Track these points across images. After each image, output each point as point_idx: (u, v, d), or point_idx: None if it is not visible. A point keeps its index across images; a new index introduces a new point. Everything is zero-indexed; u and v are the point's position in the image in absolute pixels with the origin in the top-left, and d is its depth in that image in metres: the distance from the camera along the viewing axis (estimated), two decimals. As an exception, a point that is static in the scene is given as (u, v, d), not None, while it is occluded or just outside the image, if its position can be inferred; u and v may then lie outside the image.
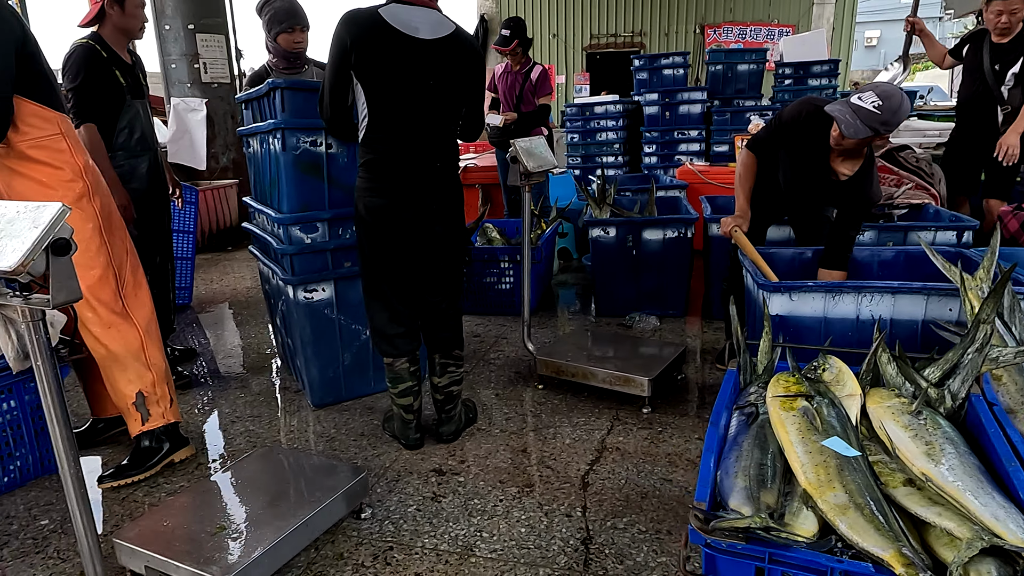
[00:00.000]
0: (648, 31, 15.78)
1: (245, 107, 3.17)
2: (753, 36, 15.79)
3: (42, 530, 2.13)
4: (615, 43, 15.81)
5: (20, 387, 2.29)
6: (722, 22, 15.60)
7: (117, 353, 2.36)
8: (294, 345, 2.96)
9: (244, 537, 1.78)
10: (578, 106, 7.29)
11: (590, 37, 15.96)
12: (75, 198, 2.33)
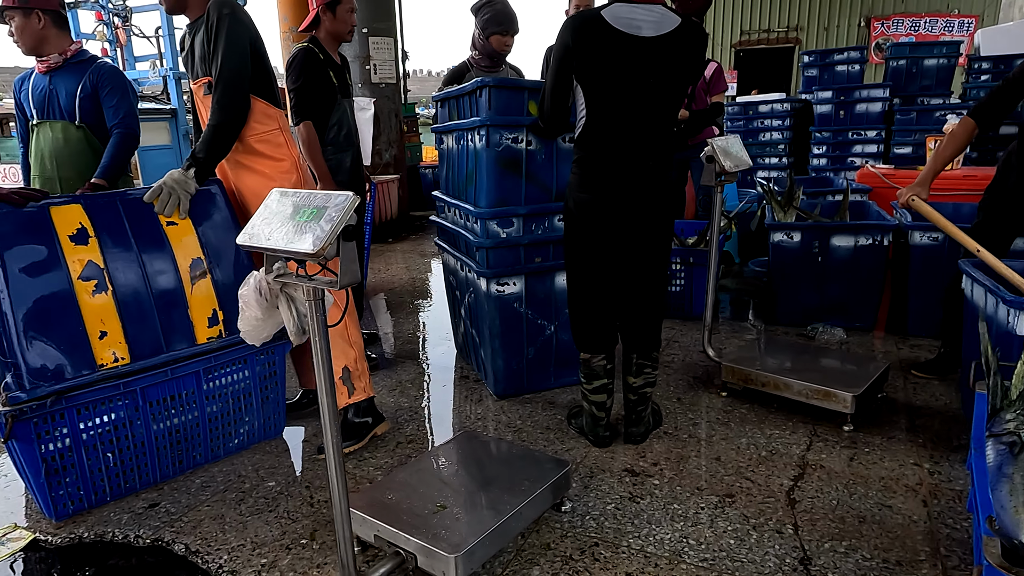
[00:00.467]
0: (805, 25, 14.87)
1: (441, 105, 3.31)
2: (928, 28, 14.43)
3: (270, 491, 2.34)
4: (767, 39, 15.05)
5: (252, 359, 2.53)
6: (892, 14, 14.38)
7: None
8: (480, 336, 3.05)
9: (465, 518, 1.85)
10: (740, 105, 7.00)
11: (740, 33, 15.30)
12: (289, 186, 2.54)
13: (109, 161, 2.99)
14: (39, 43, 2.93)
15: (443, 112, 3.29)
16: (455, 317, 3.50)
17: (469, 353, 3.37)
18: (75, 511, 2.22)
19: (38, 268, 2.10)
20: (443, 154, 3.33)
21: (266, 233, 1.45)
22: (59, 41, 2.95)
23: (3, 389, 2.02)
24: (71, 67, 2.98)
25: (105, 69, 3.03)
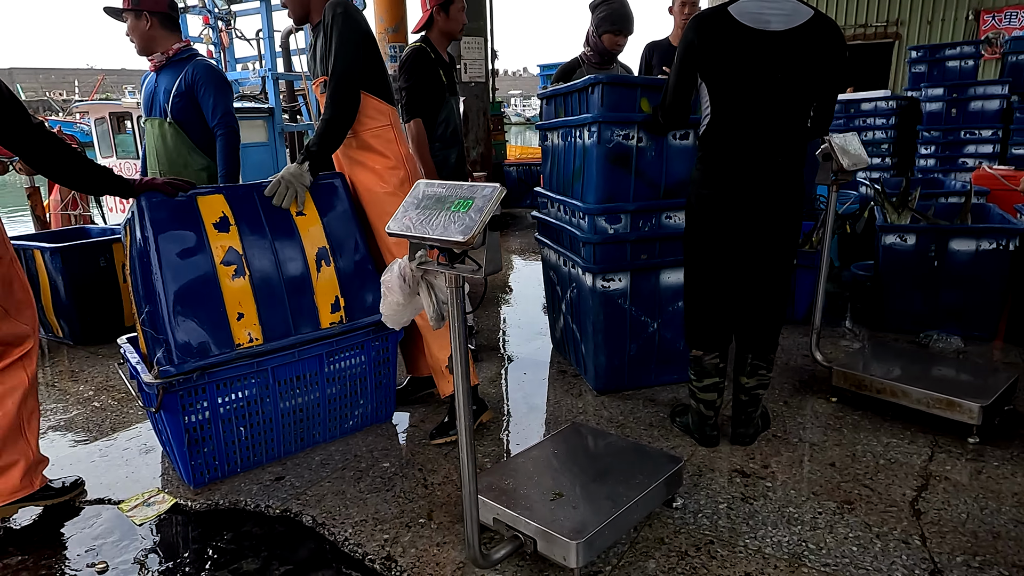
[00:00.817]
0: (907, 19, 14.12)
1: (547, 102, 3.35)
2: (1044, 21, 13.41)
3: (385, 472, 2.44)
4: (864, 34, 14.36)
5: (368, 344, 2.64)
6: (1004, 6, 13.46)
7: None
8: (581, 331, 3.08)
9: (583, 506, 1.88)
10: (842, 103, 6.73)
11: (832, 28, 14.69)
12: (398, 183, 2.63)
13: (224, 169, 3.16)
14: (148, 43, 3.09)
15: (549, 109, 3.33)
16: (554, 312, 3.54)
17: (567, 348, 3.41)
18: (210, 480, 2.39)
19: (187, 252, 2.27)
20: (547, 151, 3.37)
21: (415, 222, 1.53)
22: (166, 41, 3.10)
23: (155, 363, 2.19)
24: (172, 65, 3.13)
25: (200, 67, 3.12)
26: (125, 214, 2.51)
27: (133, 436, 2.83)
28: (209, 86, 3.12)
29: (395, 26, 7.60)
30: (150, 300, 2.26)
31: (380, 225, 2.63)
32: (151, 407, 2.21)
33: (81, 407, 3.15)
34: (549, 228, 3.34)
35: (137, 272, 2.33)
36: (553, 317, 3.58)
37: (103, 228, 4.73)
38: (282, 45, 11.65)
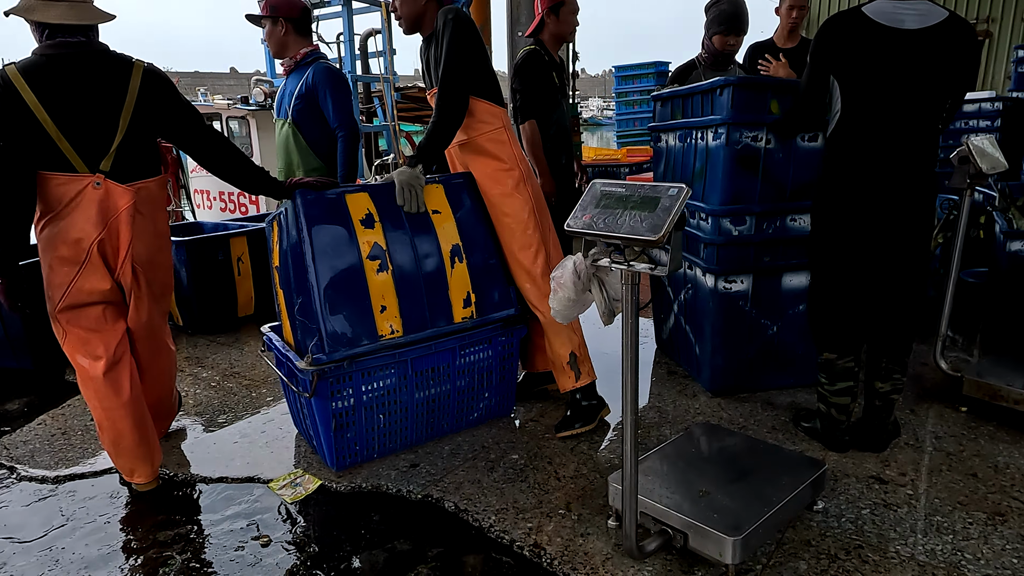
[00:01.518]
0: (999, 16, 13.45)
1: (661, 104, 3.37)
2: None
3: (515, 463, 2.51)
4: (952, 32, 13.77)
5: (496, 339, 2.72)
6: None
7: (552, 319, 2.68)
8: (696, 332, 3.08)
9: (733, 504, 1.89)
10: (941, 104, 6.50)
11: (919, 27, 14.13)
12: (514, 185, 2.68)
13: (343, 170, 3.27)
14: (281, 48, 3.25)
15: (664, 111, 3.34)
16: (662, 312, 3.55)
17: (675, 349, 3.42)
18: (350, 464, 2.51)
19: (338, 247, 2.39)
20: (661, 152, 3.38)
21: (598, 221, 1.58)
22: (296, 46, 3.23)
23: (309, 351, 2.32)
24: (298, 68, 3.26)
25: (320, 69, 3.22)
26: (275, 211, 2.66)
27: (267, 420, 2.99)
28: (328, 88, 3.22)
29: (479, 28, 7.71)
30: (303, 291, 2.39)
31: (500, 226, 2.70)
32: (305, 392, 2.33)
33: (212, 391, 3.34)
34: None
35: (289, 265, 2.46)
36: (660, 318, 3.59)
37: (215, 224, 4.98)
38: (360, 48, 11.97)
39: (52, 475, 2.57)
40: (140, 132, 2.26)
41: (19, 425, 3.04)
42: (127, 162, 2.24)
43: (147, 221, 2.32)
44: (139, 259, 2.31)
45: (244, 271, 4.48)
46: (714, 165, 2.81)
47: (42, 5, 2.13)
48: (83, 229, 2.20)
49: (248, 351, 3.94)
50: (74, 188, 2.18)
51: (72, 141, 2.15)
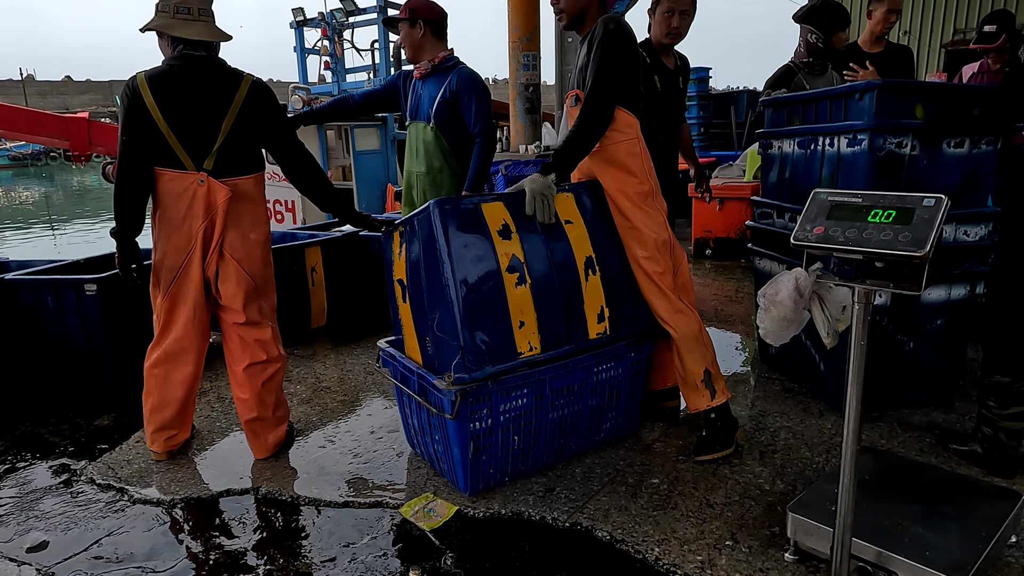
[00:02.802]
0: (1034, 21, 13.25)
1: (773, 110, 3.23)
2: None
3: (658, 488, 2.37)
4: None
5: (626, 356, 2.58)
6: None
7: (685, 335, 2.55)
8: (822, 347, 2.93)
9: (938, 540, 1.75)
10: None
11: (953, 32, 13.90)
12: (644, 198, 2.56)
13: (474, 172, 3.24)
14: (417, 51, 3.24)
15: (776, 116, 3.21)
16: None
17: (788, 364, 3.27)
18: (483, 488, 2.37)
19: (477, 259, 2.26)
20: (773, 159, 3.25)
21: (836, 234, 1.45)
22: (434, 49, 3.23)
23: (452, 369, 2.19)
24: (437, 73, 3.24)
25: (464, 76, 3.21)
26: (397, 221, 2.54)
27: (376, 438, 2.87)
28: (472, 95, 3.22)
29: (529, 35, 7.63)
30: (439, 306, 2.27)
31: (629, 239, 2.57)
32: (447, 413, 2.20)
33: (307, 407, 3.22)
34: (770, 238, 3.22)
35: (422, 278, 2.34)
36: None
37: (283, 232, 4.87)
38: (394, 55, 11.94)
39: (168, 499, 2.45)
40: (240, 136, 2.49)
41: (116, 442, 2.92)
42: (227, 162, 2.49)
43: (243, 213, 2.54)
44: (233, 249, 2.52)
45: (318, 282, 4.37)
46: (849, 173, 2.67)
47: (181, 23, 2.40)
48: (190, 220, 2.46)
49: (331, 364, 3.82)
50: (182, 184, 2.45)
51: (181, 140, 2.42)
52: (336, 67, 12.70)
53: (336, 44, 12.66)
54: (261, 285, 2.63)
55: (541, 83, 8.22)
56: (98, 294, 3.39)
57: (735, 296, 4.99)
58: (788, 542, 1.96)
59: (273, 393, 2.69)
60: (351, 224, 2.80)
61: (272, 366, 2.67)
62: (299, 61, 12.85)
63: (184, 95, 2.39)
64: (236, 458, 2.72)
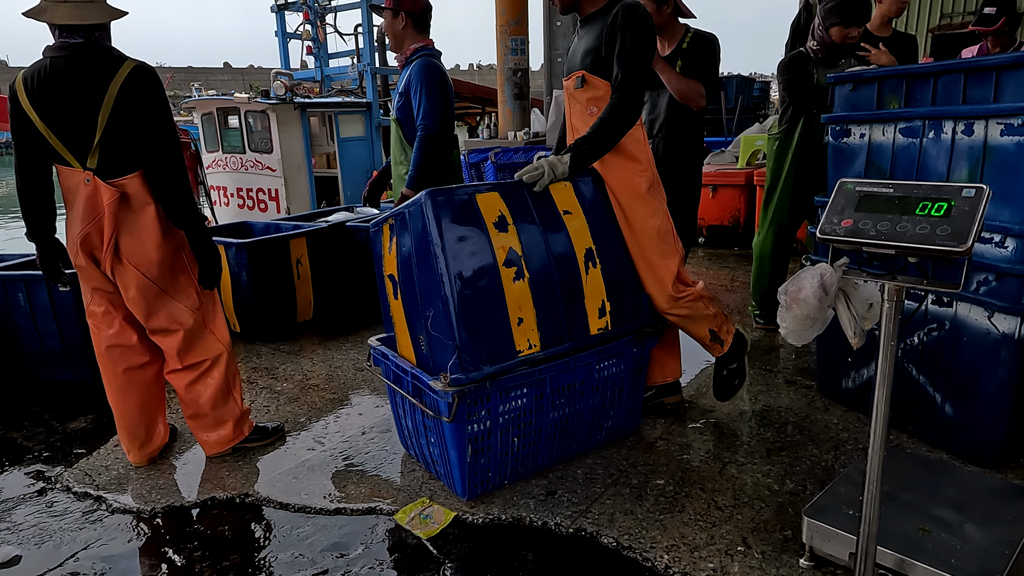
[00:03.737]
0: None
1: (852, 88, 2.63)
2: None
3: (663, 490, 2.28)
4: (973, 22, 13.55)
5: (629, 352, 2.48)
6: None
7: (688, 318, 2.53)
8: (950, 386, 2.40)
9: (964, 546, 1.67)
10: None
11: (940, 16, 13.86)
12: (648, 187, 2.47)
13: (412, 170, 3.17)
14: (398, 41, 3.24)
15: (856, 96, 2.62)
16: (851, 353, 2.70)
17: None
18: (481, 491, 2.27)
19: (474, 254, 2.14)
20: (853, 151, 2.63)
21: (868, 227, 1.34)
22: (413, 41, 3.22)
23: (448, 370, 2.08)
24: (406, 65, 3.25)
25: (416, 66, 3.17)
26: (381, 216, 2.41)
27: (368, 439, 2.75)
28: (420, 85, 3.15)
29: (516, 19, 7.46)
30: (433, 303, 2.15)
31: (630, 231, 2.47)
32: (443, 416, 2.09)
33: (295, 406, 3.09)
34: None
35: (414, 274, 2.22)
36: (850, 362, 2.76)
37: (266, 224, 4.71)
38: (378, 40, 11.69)
39: (148, 508, 2.32)
40: (122, 129, 2.21)
41: (93, 446, 2.79)
42: (114, 159, 2.23)
43: (137, 214, 2.29)
44: (130, 254, 2.30)
45: (304, 274, 4.22)
46: (1009, 169, 2.13)
47: (51, 6, 2.15)
48: (77, 225, 2.28)
49: (318, 360, 3.69)
50: (73, 181, 2.25)
51: (61, 138, 2.20)
52: (319, 52, 12.41)
53: (318, 28, 12.36)
54: (168, 288, 2.38)
55: (529, 68, 8.07)
56: (72, 291, 3.23)
57: (730, 285, 4.91)
58: (803, 547, 1.88)
59: (203, 395, 2.53)
60: (198, 257, 2.41)
61: (190, 374, 2.50)
62: (281, 46, 12.54)
63: (57, 89, 2.15)
64: (220, 462, 2.60)
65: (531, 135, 7.58)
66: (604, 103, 2.40)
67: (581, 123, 2.51)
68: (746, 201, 5.82)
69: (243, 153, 9.73)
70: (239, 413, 2.62)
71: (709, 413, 2.83)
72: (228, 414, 2.59)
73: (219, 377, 2.54)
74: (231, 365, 2.59)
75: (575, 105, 2.52)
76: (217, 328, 2.54)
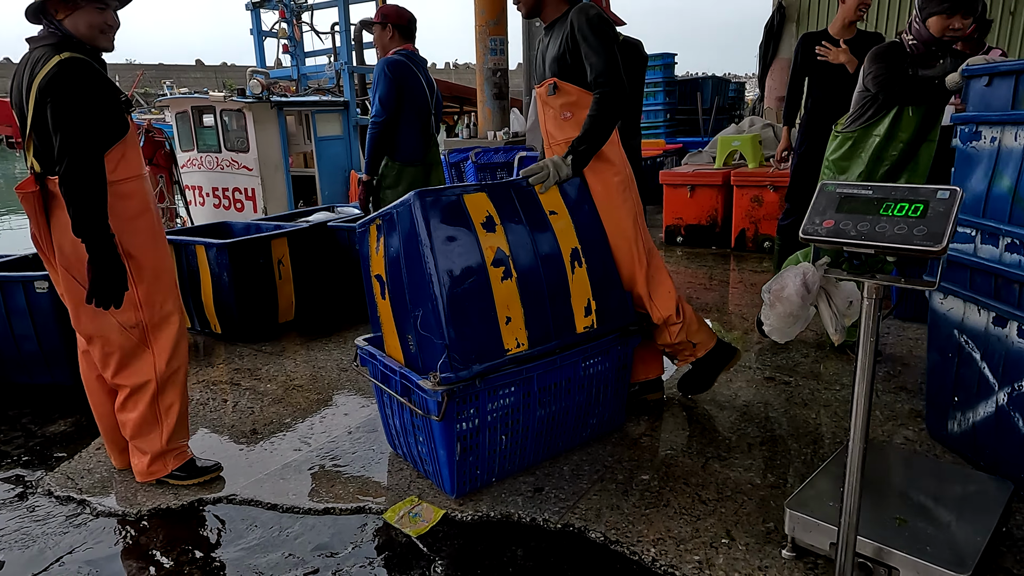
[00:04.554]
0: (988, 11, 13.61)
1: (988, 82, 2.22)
2: None
3: (648, 485, 2.32)
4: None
5: (613, 350, 2.52)
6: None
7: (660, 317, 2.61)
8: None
9: (939, 535, 1.74)
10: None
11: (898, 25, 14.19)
12: (622, 189, 2.57)
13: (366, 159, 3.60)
14: (385, 51, 3.54)
15: (991, 93, 2.23)
16: (958, 393, 2.40)
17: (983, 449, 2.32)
18: (470, 489, 2.29)
19: (462, 253, 2.16)
20: (982, 157, 2.25)
21: (848, 227, 1.39)
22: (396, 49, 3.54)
23: (439, 369, 2.10)
24: None
25: (377, 65, 3.49)
26: (368, 216, 2.43)
27: (354, 439, 2.76)
28: (375, 82, 3.51)
29: (496, 19, 7.47)
30: (422, 303, 2.17)
31: (611, 230, 2.54)
32: (433, 415, 2.11)
33: (279, 407, 3.08)
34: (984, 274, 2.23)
35: (403, 274, 2.24)
36: (960, 401, 2.40)
37: (246, 224, 4.68)
38: (355, 39, 11.63)
39: (134, 511, 2.30)
40: (44, 127, 2.05)
41: (75, 450, 2.75)
42: (45, 156, 2.09)
43: (64, 216, 2.07)
44: (62, 256, 2.16)
45: (285, 275, 4.21)
46: None
47: None
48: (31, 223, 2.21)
49: (301, 361, 3.68)
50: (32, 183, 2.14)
51: (23, 135, 2.13)
52: (295, 50, 12.31)
53: (295, 26, 12.26)
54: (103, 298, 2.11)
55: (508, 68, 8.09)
56: (49, 292, 3.18)
57: (708, 283, 4.99)
58: (785, 538, 1.94)
59: (126, 420, 2.35)
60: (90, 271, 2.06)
61: (118, 391, 2.35)
62: (256, 44, 12.41)
63: (12, 82, 2.12)
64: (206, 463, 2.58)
65: (511, 135, 7.60)
66: (577, 107, 2.48)
67: (556, 128, 2.57)
68: (723, 201, 5.91)
69: (219, 152, 9.62)
70: (160, 449, 2.36)
71: (691, 409, 2.89)
72: (147, 446, 2.36)
73: (142, 409, 2.31)
74: (167, 397, 2.33)
75: (548, 111, 2.58)
76: (159, 355, 2.29)
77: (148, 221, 2.25)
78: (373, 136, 3.54)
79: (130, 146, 2.18)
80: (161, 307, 2.30)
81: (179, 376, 2.37)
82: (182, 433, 2.43)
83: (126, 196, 2.17)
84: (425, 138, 3.75)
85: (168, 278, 2.33)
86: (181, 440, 2.44)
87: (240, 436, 2.81)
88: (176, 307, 2.34)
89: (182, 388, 2.40)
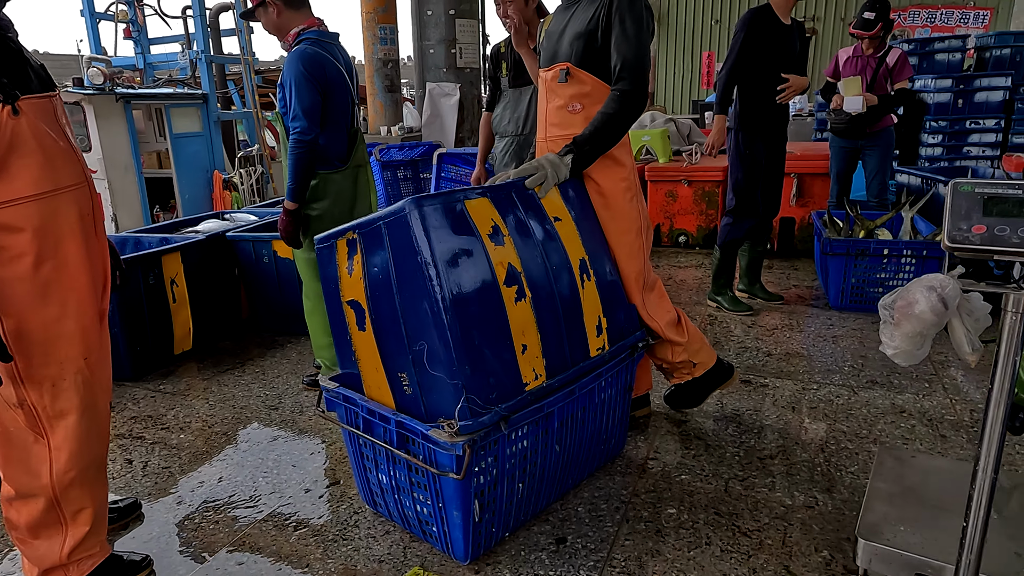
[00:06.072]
0: (823, 16, 14.95)
1: None
2: (944, 21, 14.76)
3: (677, 520, 2.08)
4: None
5: (622, 372, 2.25)
6: (908, 5, 14.55)
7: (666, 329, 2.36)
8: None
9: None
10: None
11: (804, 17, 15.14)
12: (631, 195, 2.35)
13: (289, 181, 2.74)
14: (281, 32, 2.79)
15: None
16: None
17: None
18: (484, 551, 1.93)
19: (472, 273, 1.79)
20: None
21: (1007, 234, 1.20)
22: (294, 25, 2.77)
23: (457, 416, 1.71)
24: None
25: (288, 58, 2.75)
26: (335, 230, 1.97)
27: (314, 497, 2.28)
28: (285, 80, 2.70)
29: (384, 6, 6.95)
30: (426, 334, 1.77)
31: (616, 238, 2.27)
32: (452, 472, 1.72)
33: (205, 464, 2.51)
34: None
35: (395, 299, 1.82)
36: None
37: (122, 236, 3.90)
38: (210, 25, 10.51)
39: None
40: None
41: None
42: None
43: None
44: None
45: (180, 297, 3.54)
46: None
47: None
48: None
49: (214, 400, 3.08)
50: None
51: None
52: (138, 36, 10.92)
53: (136, 9, 10.86)
54: None
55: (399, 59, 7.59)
56: None
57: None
58: (847, 569, 1.77)
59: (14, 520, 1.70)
60: None
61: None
62: (89, 27, 10.86)
63: None
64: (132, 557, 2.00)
65: (406, 130, 7.14)
66: (590, 100, 2.17)
67: (559, 121, 2.26)
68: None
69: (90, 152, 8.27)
70: (57, 561, 1.72)
71: (683, 424, 2.69)
72: (37, 560, 1.73)
73: (35, 515, 1.68)
74: (73, 503, 1.69)
75: (554, 100, 2.25)
76: (58, 450, 1.65)
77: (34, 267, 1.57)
78: (300, 156, 2.69)
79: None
80: (55, 387, 1.62)
81: (90, 472, 1.72)
82: (93, 542, 1.76)
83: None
84: (350, 136, 3.14)
85: (67, 347, 1.63)
86: (92, 549, 1.76)
87: (164, 510, 2.24)
88: (84, 384, 1.66)
89: (96, 484, 1.74)
